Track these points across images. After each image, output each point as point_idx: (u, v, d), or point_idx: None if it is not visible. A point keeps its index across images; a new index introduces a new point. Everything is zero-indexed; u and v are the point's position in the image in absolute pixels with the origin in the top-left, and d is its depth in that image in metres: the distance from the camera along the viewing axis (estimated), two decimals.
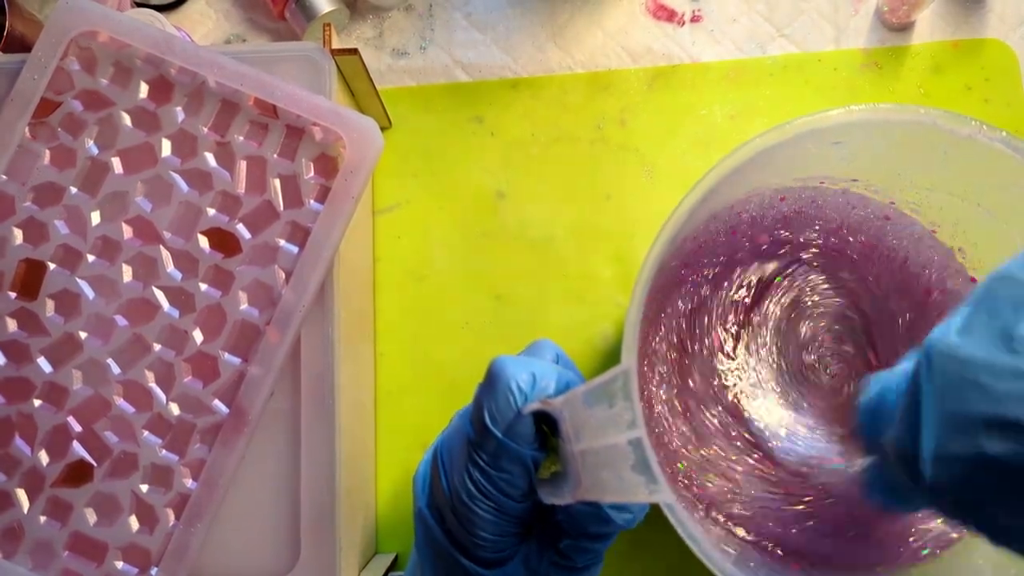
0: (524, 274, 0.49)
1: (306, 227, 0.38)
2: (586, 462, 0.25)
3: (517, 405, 0.27)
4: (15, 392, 0.39)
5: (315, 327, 0.39)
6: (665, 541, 0.45)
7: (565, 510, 0.29)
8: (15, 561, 0.38)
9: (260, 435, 0.39)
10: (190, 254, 0.39)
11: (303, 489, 0.38)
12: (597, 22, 0.51)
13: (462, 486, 0.28)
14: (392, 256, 0.50)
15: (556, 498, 0.27)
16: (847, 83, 0.50)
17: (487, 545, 0.28)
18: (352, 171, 0.38)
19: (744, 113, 0.50)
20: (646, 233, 0.49)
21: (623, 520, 0.29)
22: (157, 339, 0.39)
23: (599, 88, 0.51)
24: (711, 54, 0.51)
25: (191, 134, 0.39)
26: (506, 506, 0.28)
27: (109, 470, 0.38)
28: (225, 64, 0.38)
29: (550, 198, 0.50)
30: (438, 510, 0.30)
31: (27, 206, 0.40)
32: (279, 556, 0.38)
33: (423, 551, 0.31)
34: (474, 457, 0.28)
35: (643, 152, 0.50)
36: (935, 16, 0.50)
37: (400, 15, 0.52)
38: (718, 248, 0.42)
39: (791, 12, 0.51)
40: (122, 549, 0.38)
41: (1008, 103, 0.49)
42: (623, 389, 0.23)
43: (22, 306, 0.39)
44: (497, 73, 0.51)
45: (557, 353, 0.32)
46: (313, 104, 0.38)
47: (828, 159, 0.36)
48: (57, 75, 0.40)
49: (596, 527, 0.29)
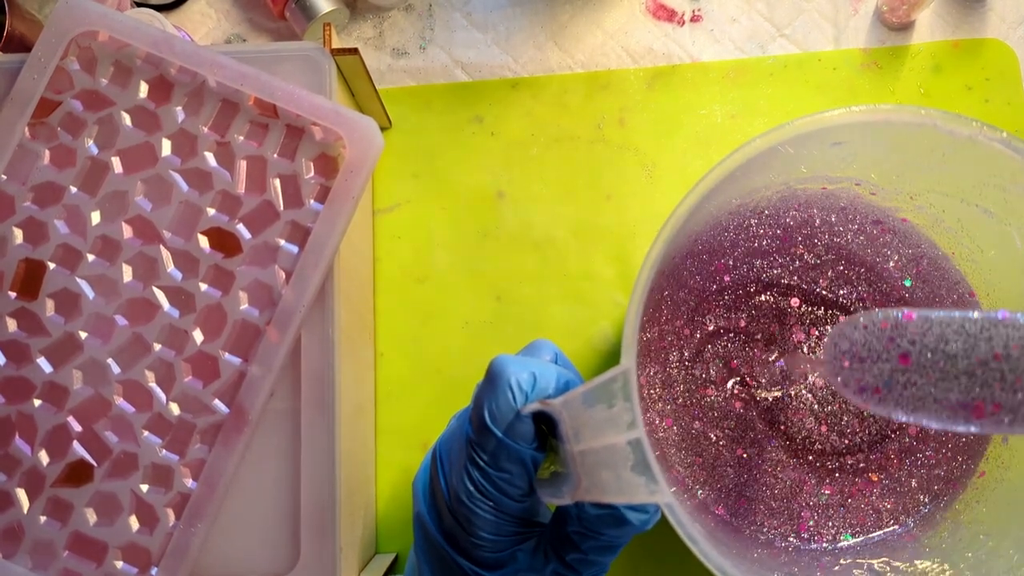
0: (524, 274, 0.49)
1: (306, 227, 0.38)
2: (585, 462, 0.25)
3: (517, 405, 0.27)
4: (15, 392, 0.39)
5: (315, 327, 0.39)
6: (664, 542, 0.45)
7: (579, 516, 0.28)
8: (15, 561, 0.38)
9: (260, 435, 0.39)
10: (190, 254, 0.39)
11: (303, 489, 0.38)
12: (597, 22, 0.51)
13: (461, 485, 0.28)
14: (392, 256, 0.50)
15: (556, 498, 0.27)
16: (847, 83, 0.50)
17: (486, 545, 0.28)
18: (352, 171, 0.38)
19: (744, 113, 0.50)
20: (646, 233, 0.49)
21: (639, 520, 0.28)
22: (157, 339, 0.39)
23: (599, 88, 0.51)
24: (711, 54, 0.51)
25: (191, 134, 0.39)
26: (505, 505, 0.28)
27: (109, 470, 0.38)
28: (225, 64, 0.38)
29: (550, 198, 0.50)
30: (437, 512, 0.30)
31: (27, 206, 0.40)
32: (279, 556, 0.38)
33: (422, 554, 0.31)
34: (473, 456, 0.28)
35: (643, 152, 0.50)
36: (935, 16, 0.50)
37: (400, 15, 0.52)
38: (719, 247, 0.42)
39: (791, 12, 0.51)
40: (122, 549, 0.38)
41: (1008, 103, 0.49)
42: (623, 389, 0.23)
43: (22, 306, 0.39)
44: (497, 73, 0.51)
45: (555, 353, 0.32)
46: (313, 104, 0.38)
47: (828, 160, 0.36)
48: (57, 75, 0.40)
49: (611, 529, 0.28)
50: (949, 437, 0.40)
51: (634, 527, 0.28)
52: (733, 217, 0.42)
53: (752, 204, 0.42)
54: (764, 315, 0.42)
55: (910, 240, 0.41)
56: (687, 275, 0.42)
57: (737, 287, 0.42)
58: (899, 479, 0.40)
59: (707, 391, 0.41)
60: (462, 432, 0.29)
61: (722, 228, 0.42)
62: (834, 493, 0.40)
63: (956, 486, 0.39)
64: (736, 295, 0.42)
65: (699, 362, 0.41)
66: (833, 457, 0.40)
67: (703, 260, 0.42)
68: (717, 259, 0.42)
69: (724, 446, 0.41)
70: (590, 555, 0.29)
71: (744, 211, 0.42)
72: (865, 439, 0.41)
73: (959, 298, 0.41)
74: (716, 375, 0.41)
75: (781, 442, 0.41)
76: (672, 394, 0.41)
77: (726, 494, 0.40)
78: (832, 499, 0.40)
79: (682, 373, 0.41)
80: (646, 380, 0.41)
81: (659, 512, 0.29)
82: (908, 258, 0.41)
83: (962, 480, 0.39)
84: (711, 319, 0.42)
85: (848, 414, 0.41)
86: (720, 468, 0.40)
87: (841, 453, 0.41)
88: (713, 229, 0.42)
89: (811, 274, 0.42)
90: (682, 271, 0.41)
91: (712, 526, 0.39)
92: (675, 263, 0.41)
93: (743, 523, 0.40)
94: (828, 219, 0.41)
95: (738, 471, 0.40)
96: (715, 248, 0.42)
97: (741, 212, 0.42)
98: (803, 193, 0.41)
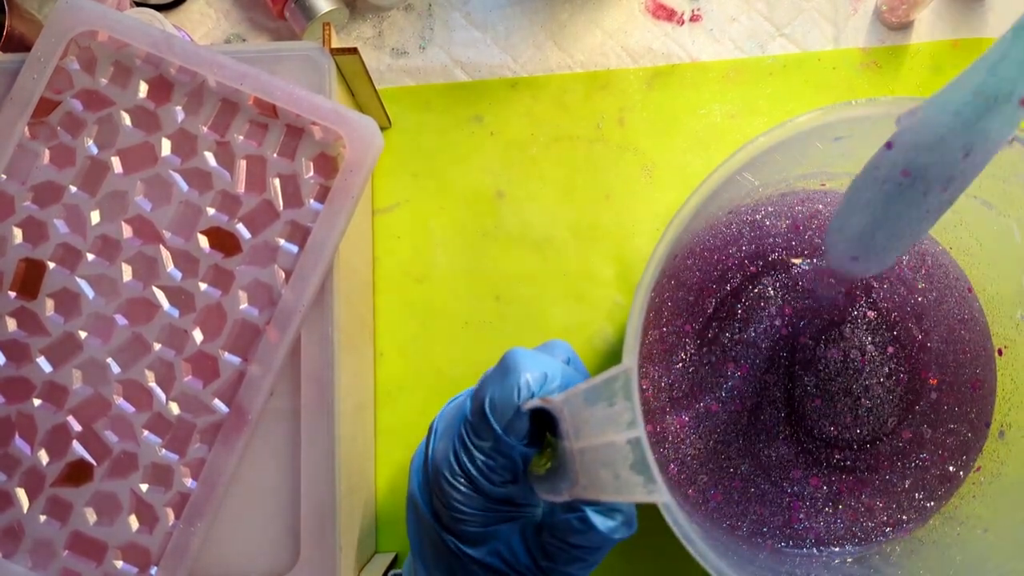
0: (524, 274, 0.49)
1: (306, 227, 0.38)
2: (584, 460, 0.25)
3: (519, 401, 0.27)
4: (15, 392, 0.39)
5: (315, 327, 0.39)
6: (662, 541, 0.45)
7: (550, 521, 0.29)
8: (15, 561, 0.38)
9: (260, 435, 0.39)
10: (190, 254, 0.39)
11: (303, 488, 0.38)
12: (597, 21, 0.51)
13: (444, 460, 0.29)
14: (392, 256, 0.50)
15: (554, 495, 0.27)
16: (846, 82, 0.50)
17: (466, 520, 0.29)
18: (352, 170, 0.38)
19: (744, 112, 0.50)
20: (646, 233, 0.49)
21: (607, 528, 0.28)
22: (157, 339, 0.39)
23: (598, 87, 0.51)
24: (710, 53, 0.51)
25: (191, 133, 0.39)
26: (483, 486, 0.28)
27: (109, 470, 0.38)
28: (225, 63, 0.38)
29: (550, 198, 0.50)
30: (428, 490, 0.30)
31: (26, 205, 0.40)
32: (279, 556, 0.38)
33: (413, 532, 0.32)
34: (464, 435, 0.28)
35: (643, 151, 0.50)
36: (934, 15, 0.50)
37: (399, 15, 0.52)
38: (722, 245, 0.42)
39: (790, 11, 0.51)
40: (122, 548, 0.38)
41: None
42: (623, 388, 0.24)
43: (22, 305, 0.39)
44: (497, 73, 0.51)
45: (569, 357, 0.32)
46: (313, 103, 0.38)
47: (829, 155, 0.36)
48: (57, 74, 0.40)
49: (576, 539, 0.28)
50: (946, 440, 0.40)
51: (599, 533, 0.28)
52: (734, 216, 0.42)
53: (752, 202, 0.42)
54: (767, 293, 0.41)
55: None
56: (688, 274, 0.42)
57: (739, 270, 0.42)
58: (891, 480, 0.40)
59: (720, 368, 0.41)
60: (461, 410, 0.30)
61: (724, 224, 0.42)
62: (820, 486, 0.40)
63: (952, 483, 0.39)
64: (741, 277, 0.42)
65: (705, 347, 0.41)
66: (828, 449, 0.40)
67: (704, 257, 0.42)
68: (718, 254, 0.42)
69: (724, 428, 0.40)
70: (559, 564, 0.29)
71: (744, 210, 0.42)
72: (855, 437, 0.40)
73: (960, 295, 0.41)
74: (728, 348, 0.41)
75: (785, 428, 0.41)
76: (679, 387, 0.41)
77: (720, 476, 0.40)
78: (820, 491, 0.40)
79: (690, 368, 0.41)
80: (649, 383, 0.41)
81: (632, 526, 0.29)
82: (914, 256, 0.41)
83: (958, 477, 0.39)
84: (711, 301, 0.41)
85: (847, 411, 0.41)
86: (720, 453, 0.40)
87: (833, 445, 0.40)
88: (714, 228, 0.42)
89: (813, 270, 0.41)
90: (683, 270, 0.41)
91: (708, 525, 0.39)
92: (676, 263, 0.41)
93: (735, 511, 0.40)
94: (823, 216, 0.41)
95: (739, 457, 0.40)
96: (716, 245, 0.42)
97: (741, 210, 0.42)
98: (803, 191, 0.41)
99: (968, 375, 0.40)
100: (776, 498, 0.40)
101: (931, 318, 0.41)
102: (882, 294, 0.41)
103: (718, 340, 0.41)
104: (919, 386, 0.41)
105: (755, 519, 0.40)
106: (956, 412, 0.40)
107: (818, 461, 0.40)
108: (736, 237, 0.42)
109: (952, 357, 0.41)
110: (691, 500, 0.40)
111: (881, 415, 0.41)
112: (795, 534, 0.39)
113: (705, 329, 0.41)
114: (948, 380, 0.41)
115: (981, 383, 0.40)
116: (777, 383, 0.41)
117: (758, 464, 0.40)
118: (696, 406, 0.41)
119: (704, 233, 0.42)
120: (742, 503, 0.40)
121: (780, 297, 0.41)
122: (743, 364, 0.41)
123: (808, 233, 0.41)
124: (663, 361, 0.41)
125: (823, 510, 0.40)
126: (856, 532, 0.39)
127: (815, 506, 0.40)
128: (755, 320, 0.41)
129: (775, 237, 0.42)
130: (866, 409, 0.41)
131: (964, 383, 0.40)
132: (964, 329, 0.41)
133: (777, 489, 0.40)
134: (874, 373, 0.41)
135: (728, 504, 0.40)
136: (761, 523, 0.40)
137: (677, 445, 0.40)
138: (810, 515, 0.40)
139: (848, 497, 0.40)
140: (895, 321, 0.41)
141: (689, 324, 0.41)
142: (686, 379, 0.41)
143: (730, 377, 0.41)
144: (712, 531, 0.39)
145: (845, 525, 0.39)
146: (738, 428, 0.41)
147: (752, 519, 0.40)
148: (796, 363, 0.41)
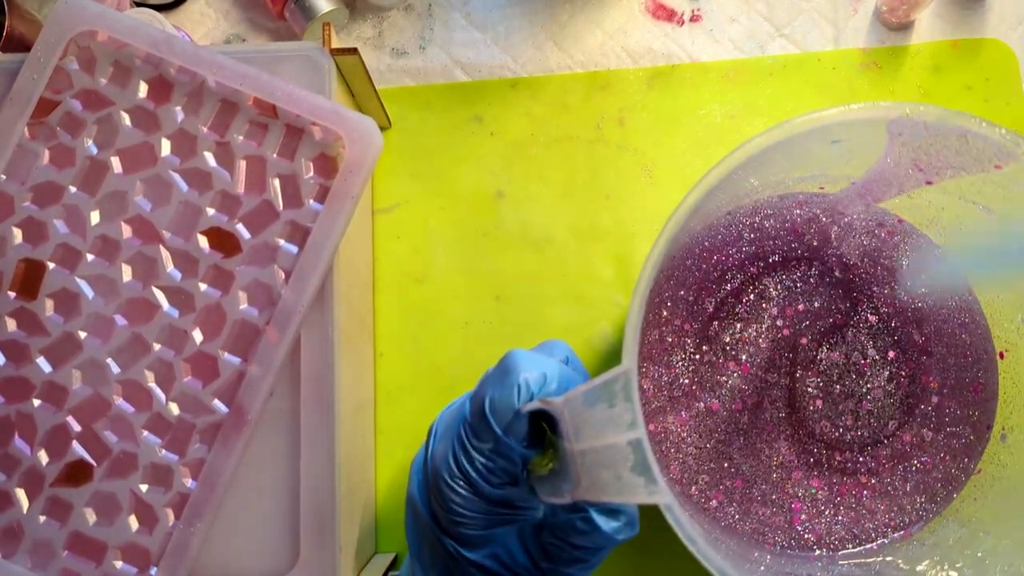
0: (524, 274, 0.49)
1: (306, 227, 0.38)
2: (585, 462, 0.25)
3: (519, 403, 0.27)
4: (15, 392, 0.39)
5: (315, 327, 0.39)
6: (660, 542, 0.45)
7: (552, 521, 0.29)
8: (14, 561, 0.38)
9: (260, 435, 0.39)
10: (190, 254, 0.39)
11: (303, 489, 0.38)
12: (596, 22, 0.51)
13: (443, 462, 0.29)
14: (392, 256, 0.50)
15: (555, 497, 0.27)
16: (846, 83, 0.50)
17: (464, 522, 0.29)
18: (352, 171, 0.38)
19: (743, 113, 0.50)
20: (646, 233, 0.49)
21: (610, 528, 0.28)
22: (157, 339, 0.39)
23: (598, 88, 0.51)
24: (710, 54, 0.51)
25: (191, 134, 0.39)
26: (481, 488, 0.28)
27: (109, 470, 0.38)
28: (225, 64, 0.38)
29: (550, 198, 0.50)
30: (428, 492, 0.30)
31: (26, 206, 0.40)
32: (279, 556, 0.38)
33: (411, 533, 0.32)
34: (463, 436, 0.28)
35: (642, 152, 0.50)
36: (934, 16, 0.50)
37: (399, 15, 0.52)
38: (722, 246, 0.42)
39: (790, 12, 0.51)
40: (121, 549, 0.38)
41: (1008, 103, 0.49)
42: (623, 389, 0.23)
43: (21, 306, 0.39)
44: (496, 73, 0.51)
45: (568, 356, 0.32)
46: (313, 104, 0.38)
47: (827, 157, 0.36)
48: (56, 74, 0.40)
49: (579, 539, 0.28)
50: (945, 443, 0.40)
51: (602, 534, 0.28)
52: (732, 217, 0.42)
53: (751, 204, 0.42)
54: (768, 294, 0.42)
55: (912, 240, 0.41)
56: (687, 274, 0.42)
57: (739, 270, 0.42)
58: (892, 483, 0.40)
59: (720, 367, 0.41)
60: (460, 412, 0.30)
61: (723, 225, 0.42)
62: (821, 487, 0.40)
63: (953, 486, 0.39)
64: (742, 278, 0.42)
65: (706, 346, 0.41)
66: (829, 451, 0.40)
67: (703, 258, 0.42)
68: (717, 255, 0.42)
69: (725, 427, 0.40)
70: (560, 565, 0.29)
71: (744, 210, 0.42)
72: (856, 439, 0.41)
73: (961, 299, 0.41)
74: (729, 348, 0.41)
75: (786, 428, 0.41)
76: (680, 386, 0.41)
77: (722, 476, 0.40)
78: (821, 493, 0.40)
79: (690, 367, 0.41)
80: (650, 382, 0.41)
81: (634, 527, 0.29)
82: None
83: (959, 479, 0.39)
84: (710, 301, 0.41)
85: (848, 413, 0.41)
86: (722, 452, 0.40)
87: (834, 447, 0.40)
88: (713, 228, 0.42)
89: (826, 248, 0.41)
90: (682, 270, 0.41)
91: (708, 525, 0.39)
92: (675, 263, 0.41)
93: (738, 510, 0.40)
94: (820, 219, 0.41)
95: (740, 455, 0.40)
96: (715, 245, 0.42)
97: (740, 212, 0.42)
98: (802, 194, 0.41)
99: (969, 378, 0.40)
100: (777, 499, 0.40)
101: (932, 322, 0.41)
102: (883, 298, 0.41)
103: (719, 339, 0.41)
104: (920, 389, 0.41)
105: (756, 520, 0.40)
106: (957, 415, 0.40)
107: (819, 462, 0.40)
108: (736, 238, 0.42)
109: (953, 361, 0.41)
110: (693, 500, 0.40)
111: (882, 418, 0.41)
112: (796, 535, 0.39)
113: (705, 328, 0.41)
114: (949, 383, 0.41)
115: (983, 386, 0.40)
116: (778, 383, 0.41)
117: (759, 464, 0.40)
118: (697, 404, 0.41)
119: (703, 233, 0.42)
120: (743, 503, 0.40)
121: (781, 298, 0.41)
122: (744, 363, 0.41)
123: (807, 237, 0.41)
124: (663, 360, 0.41)
125: (824, 511, 0.40)
126: (857, 534, 0.39)
127: (816, 507, 0.40)
128: (756, 320, 0.41)
129: (775, 240, 0.42)
130: (867, 411, 0.41)
131: (965, 386, 0.40)
132: (965, 333, 0.41)
133: (778, 490, 0.40)
134: (875, 376, 0.41)
135: (729, 504, 0.40)
136: (762, 524, 0.40)
137: (678, 444, 0.40)
138: (811, 516, 0.40)
139: (849, 499, 0.40)
140: (896, 326, 0.41)
141: (689, 323, 0.41)
142: (687, 377, 0.41)
143: (731, 376, 0.41)
144: (713, 531, 0.39)
145: (846, 527, 0.39)
146: (739, 427, 0.41)
147: (753, 520, 0.40)
148: (797, 364, 0.41)
